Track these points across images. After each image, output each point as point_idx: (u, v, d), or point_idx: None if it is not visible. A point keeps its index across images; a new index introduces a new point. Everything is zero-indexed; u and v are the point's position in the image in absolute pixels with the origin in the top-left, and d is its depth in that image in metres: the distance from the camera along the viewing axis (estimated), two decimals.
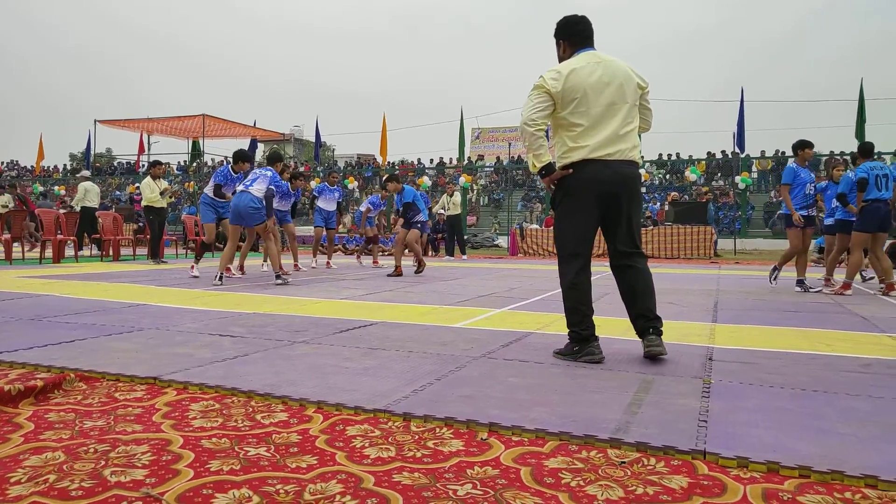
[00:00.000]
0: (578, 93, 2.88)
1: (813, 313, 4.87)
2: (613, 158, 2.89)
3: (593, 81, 2.89)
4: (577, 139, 2.90)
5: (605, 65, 2.93)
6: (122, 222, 12.38)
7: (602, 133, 2.88)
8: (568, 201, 2.97)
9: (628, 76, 2.96)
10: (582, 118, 2.89)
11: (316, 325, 3.92)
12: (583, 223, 2.95)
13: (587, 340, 2.94)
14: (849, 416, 2.12)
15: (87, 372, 2.58)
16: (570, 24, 3.06)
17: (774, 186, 22.35)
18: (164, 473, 1.57)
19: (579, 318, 2.96)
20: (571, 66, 2.92)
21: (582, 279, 2.97)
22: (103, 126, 28.75)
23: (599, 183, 2.89)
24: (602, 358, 2.92)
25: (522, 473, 1.60)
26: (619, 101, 2.92)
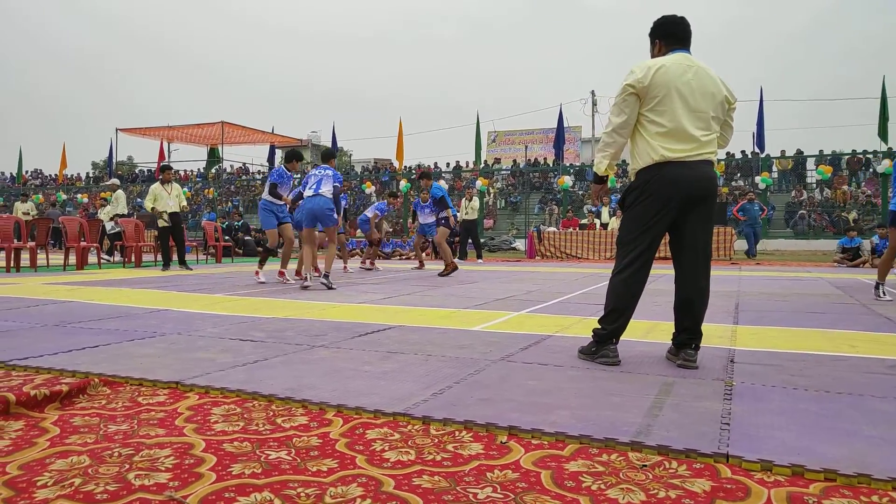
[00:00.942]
0: (663, 90, 2.78)
1: (836, 314, 4.79)
2: (693, 159, 2.81)
3: (681, 82, 2.79)
4: (656, 138, 2.81)
5: (696, 70, 2.84)
6: (143, 229, 12.54)
7: (683, 137, 2.79)
8: (643, 201, 2.86)
9: (718, 87, 2.87)
10: (664, 118, 2.79)
11: (335, 329, 3.94)
12: (653, 225, 2.86)
13: (604, 342, 2.93)
14: (875, 418, 2.08)
15: (111, 377, 2.62)
16: (668, 24, 2.96)
17: (795, 186, 22.07)
18: (187, 477, 1.59)
19: (615, 316, 2.91)
20: (661, 63, 2.82)
21: (637, 279, 2.91)
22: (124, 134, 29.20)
23: (679, 184, 2.79)
24: (617, 361, 2.90)
25: (543, 477, 1.60)
26: (704, 108, 2.82)
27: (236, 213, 19.90)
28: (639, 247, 2.88)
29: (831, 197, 20.90)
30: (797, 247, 18.60)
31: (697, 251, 2.93)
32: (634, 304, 2.94)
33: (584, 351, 3.03)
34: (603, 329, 2.94)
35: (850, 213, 19.43)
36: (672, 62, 2.83)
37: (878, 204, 19.02)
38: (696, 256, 2.93)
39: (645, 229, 2.87)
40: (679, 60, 2.85)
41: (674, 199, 2.81)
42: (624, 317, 2.92)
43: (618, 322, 2.92)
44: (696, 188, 2.82)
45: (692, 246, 2.92)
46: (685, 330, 2.93)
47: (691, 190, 2.81)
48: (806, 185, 22.13)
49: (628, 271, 2.91)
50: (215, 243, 13.62)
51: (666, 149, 2.79)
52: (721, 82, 2.90)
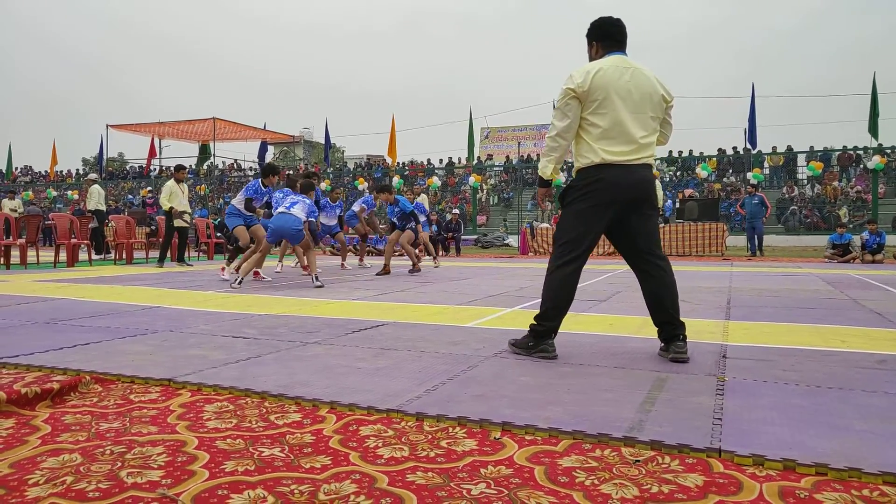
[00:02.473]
0: (602, 93, 2.84)
1: (827, 310, 4.83)
2: (633, 163, 2.86)
3: (618, 84, 2.85)
4: (597, 140, 2.86)
5: (633, 71, 2.89)
6: (134, 226, 12.48)
7: (623, 138, 2.85)
8: (582, 202, 2.92)
9: (655, 87, 2.93)
10: (603, 120, 2.85)
11: (328, 325, 3.94)
12: (590, 226, 2.91)
13: (543, 337, 2.96)
14: (865, 412, 2.10)
15: (102, 374, 2.61)
16: (604, 26, 3.02)
17: (786, 182, 22.18)
18: (180, 474, 1.58)
19: (551, 311, 2.94)
20: (599, 66, 2.89)
21: (574, 279, 2.95)
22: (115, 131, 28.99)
23: (619, 188, 2.85)
24: (556, 356, 2.94)
25: (536, 472, 1.60)
26: (642, 109, 2.88)
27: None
28: (578, 246, 2.93)
29: (822, 193, 21.03)
30: (788, 242, 18.72)
31: (649, 251, 2.97)
32: (571, 300, 2.97)
33: (519, 345, 3.04)
34: (542, 326, 2.96)
35: (841, 209, 19.56)
36: (610, 65, 2.89)
37: (868, 200, 19.16)
38: (650, 256, 2.98)
39: (584, 229, 2.92)
40: (616, 63, 2.91)
41: (614, 201, 2.87)
42: (562, 314, 2.96)
43: (557, 320, 2.96)
44: (635, 191, 2.88)
45: (643, 245, 2.98)
46: (665, 324, 2.96)
47: (631, 193, 2.88)
48: (797, 182, 22.26)
49: (567, 269, 2.94)
50: (207, 240, 13.56)
51: (606, 151, 2.85)
52: (657, 82, 2.96)
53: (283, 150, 44.22)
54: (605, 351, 3.14)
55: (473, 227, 22.53)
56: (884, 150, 19.24)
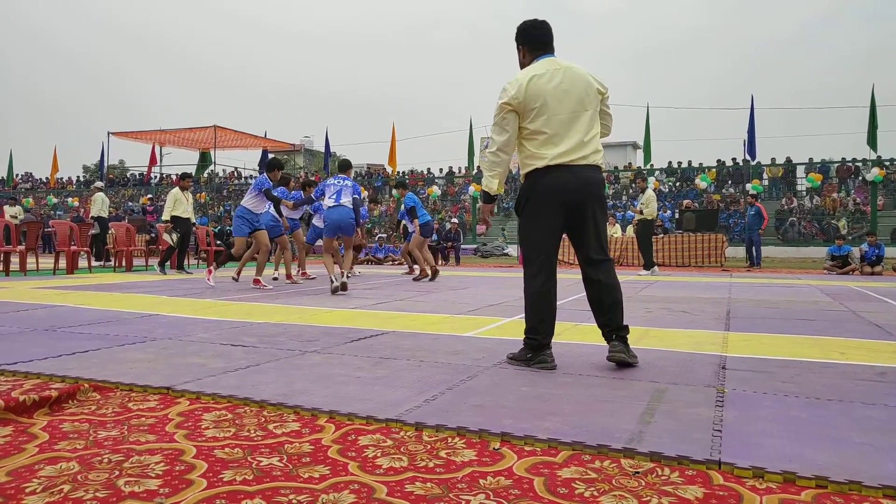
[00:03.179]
0: (539, 101, 2.87)
1: (826, 321, 4.82)
2: (577, 164, 2.88)
3: (553, 88, 2.88)
4: (540, 147, 2.90)
5: (564, 71, 2.92)
6: (134, 233, 12.47)
7: (565, 140, 2.88)
8: (532, 208, 2.95)
9: (588, 82, 2.95)
10: (545, 126, 2.88)
11: (327, 334, 3.93)
12: (547, 230, 2.94)
13: (540, 349, 2.96)
14: (865, 425, 2.09)
15: (100, 382, 2.60)
16: (528, 29, 3.06)
17: (785, 194, 22.22)
18: (178, 483, 1.58)
19: (539, 325, 2.95)
20: (531, 74, 2.92)
21: (548, 287, 2.96)
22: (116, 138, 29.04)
23: (564, 190, 2.88)
24: (555, 366, 2.94)
25: (536, 483, 1.60)
26: (580, 108, 2.91)
27: (228, 218, 19.83)
28: (540, 254, 2.95)
29: (821, 205, 21.06)
30: (787, 254, 18.72)
31: (594, 252, 2.98)
32: (553, 309, 2.97)
33: (517, 358, 3.03)
34: (534, 340, 2.96)
35: (840, 221, 19.59)
36: (541, 70, 2.92)
37: (867, 212, 19.19)
38: (593, 257, 2.98)
39: (540, 235, 2.95)
40: (547, 66, 2.94)
41: (560, 203, 2.90)
42: (549, 324, 2.96)
43: (547, 330, 2.96)
44: (581, 193, 2.90)
45: (588, 247, 2.99)
46: (604, 326, 3.00)
47: (576, 195, 2.90)
48: (796, 193, 22.29)
49: (537, 281, 2.95)
50: (207, 248, 13.56)
51: (549, 154, 2.87)
52: (590, 76, 2.98)
53: (283, 158, 44.28)
54: (604, 361, 3.13)
55: (473, 237, 22.53)
56: (882, 163, 19.29)
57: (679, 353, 3.37)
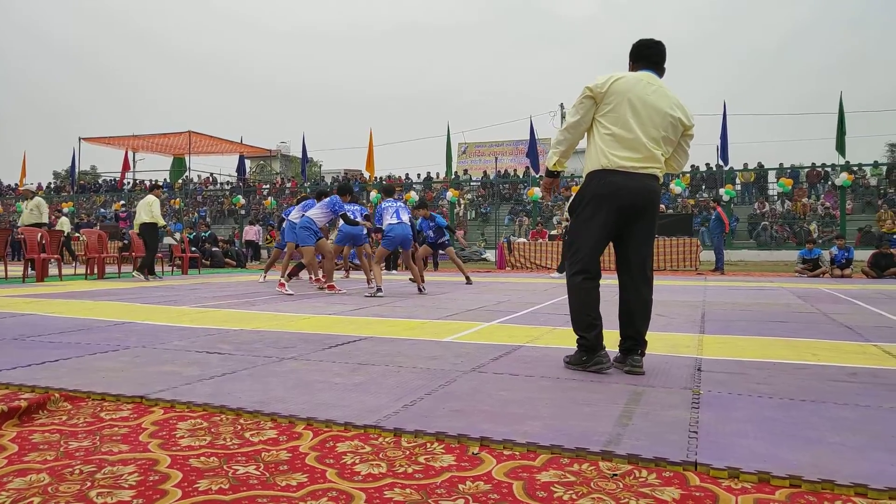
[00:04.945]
0: (617, 99, 2.90)
1: (799, 323, 4.91)
2: (639, 172, 2.91)
3: (635, 95, 2.90)
4: (607, 145, 2.91)
5: (656, 88, 2.95)
6: (106, 240, 12.27)
7: (635, 146, 2.90)
8: (587, 210, 2.96)
9: (673, 109, 2.96)
10: (614, 124, 2.90)
11: (304, 340, 3.90)
12: (599, 232, 2.95)
13: (594, 350, 2.96)
14: (837, 424, 2.13)
15: (71, 392, 2.55)
16: (640, 48, 3.10)
17: (758, 199, 22.60)
18: (152, 494, 1.55)
19: (585, 324, 2.97)
20: (622, 75, 2.96)
21: (589, 286, 2.98)
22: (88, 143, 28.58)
23: (625, 194, 2.89)
24: (612, 366, 2.96)
25: (514, 488, 1.60)
26: (658, 126, 2.92)
27: (203, 224, 19.60)
28: (587, 254, 2.97)
29: (792, 209, 21.45)
30: (760, 257, 19.02)
31: (639, 263, 3.01)
32: (597, 306, 3.00)
33: (573, 361, 3.04)
34: (586, 339, 2.98)
35: (811, 225, 19.97)
36: (633, 77, 2.96)
37: (836, 216, 19.59)
38: (638, 268, 3.01)
39: (590, 235, 2.97)
40: (641, 77, 2.98)
41: (618, 207, 2.91)
42: (596, 322, 2.98)
43: (597, 328, 2.97)
44: (638, 199, 2.92)
45: (634, 258, 3.01)
46: (629, 338, 3.01)
47: (634, 199, 2.91)
48: (768, 198, 22.69)
49: (579, 278, 2.98)
50: (182, 254, 13.38)
51: (614, 155, 2.90)
52: (678, 106, 3.00)
53: (259, 163, 43.94)
54: None
55: (451, 242, 22.54)
56: (851, 168, 19.71)
57: (656, 356, 3.40)
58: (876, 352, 3.64)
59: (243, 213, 26.09)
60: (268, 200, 26.43)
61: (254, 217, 24.09)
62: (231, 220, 27.37)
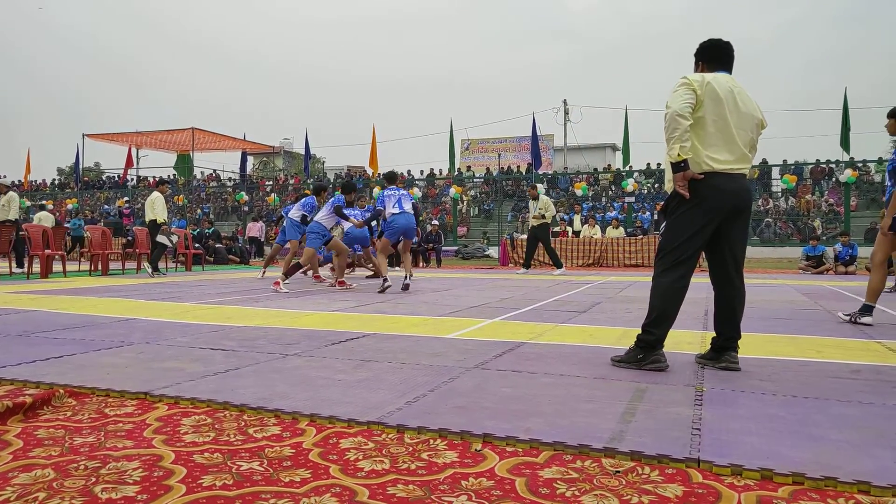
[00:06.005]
0: (716, 102, 2.91)
1: (802, 320, 4.90)
2: (736, 173, 2.94)
3: (730, 99, 2.93)
4: (708, 148, 2.92)
5: (739, 90, 2.98)
6: (110, 236, 12.30)
7: (731, 147, 2.93)
8: (690, 210, 2.94)
9: (755, 109, 3.02)
10: (714, 127, 2.91)
11: (308, 337, 3.91)
12: (698, 231, 2.94)
13: (653, 348, 2.96)
14: (840, 422, 2.13)
15: (76, 388, 2.56)
16: (711, 49, 3.09)
17: (761, 195, 22.55)
18: (156, 489, 1.55)
19: (661, 321, 2.96)
20: (711, 77, 2.96)
21: (684, 284, 2.98)
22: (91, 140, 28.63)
23: (727, 196, 2.91)
24: (667, 366, 2.95)
25: (517, 484, 1.60)
26: (745, 127, 2.97)
27: (206, 221, 19.64)
28: (686, 252, 2.97)
29: (796, 206, 21.40)
30: (763, 254, 18.99)
31: (737, 260, 3.04)
32: (678, 309, 3.00)
33: (626, 360, 3.01)
34: (651, 335, 2.96)
35: (815, 222, 19.92)
36: (723, 80, 2.97)
37: (840, 212, 19.54)
38: (738, 266, 3.04)
39: (691, 235, 2.95)
40: (728, 79, 2.99)
41: (720, 209, 2.92)
42: (670, 322, 2.98)
43: (665, 327, 2.97)
44: (739, 199, 2.95)
45: (735, 256, 3.03)
46: (726, 336, 3.02)
47: (735, 201, 2.94)
48: (772, 194, 22.63)
49: (675, 274, 2.97)
50: (185, 251, 13.42)
51: (712, 159, 2.91)
52: (757, 106, 3.05)
53: (262, 160, 43.98)
54: (586, 362, 3.15)
55: (454, 239, 22.55)
56: (855, 164, 19.67)
57: None
58: (879, 349, 3.64)
59: (246, 209, 26.13)
60: (271, 197, 26.47)
61: (257, 214, 24.12)
62: (234, 216, 27.42)
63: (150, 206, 10.71)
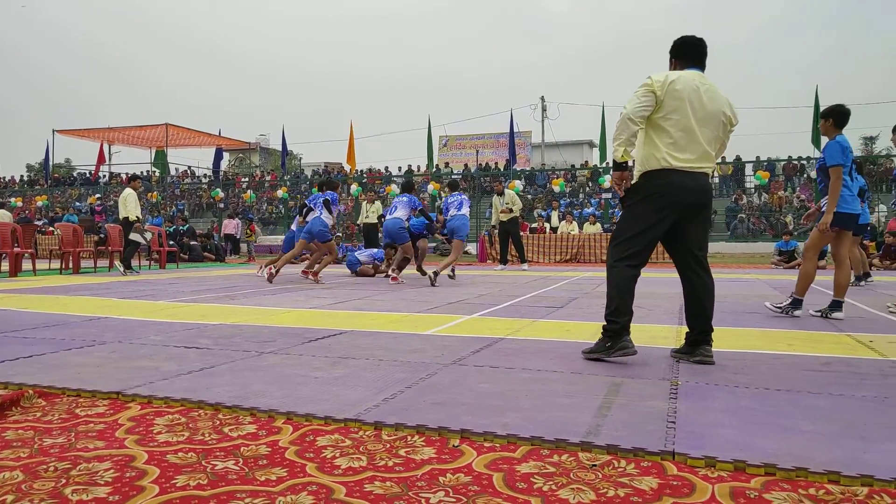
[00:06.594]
0: (677, 102, 2.93)
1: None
2: (696, 171, 2.98)
3: (695, 97, 2.95)
4: (669, 146, 2.95)
5: (708, 88, 3.00)
6: (82, 234, 12.08)
7: (693, 146, 2.96)
8: (643, 203, 3.00)
9: (723, 107, 3.03)
10: (674, 127, 2.94)
11: (284, 334, 3.88)
12: (654, 226, 2.99)
13: (619, 335, 3.00)
14: (812, 413, 2.17)
15: (46, 388, 2.51)
16: (683, 45, 3.12)
17: (735, 191, 22.87)
18: (128, 490, 1.53)
19: (620, 310, 3.00)
20: (677, 76, 2.98)
21: (633, 273, 3.02)
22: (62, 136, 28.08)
23: (684, 193, 2.95)
24: (635, 351, 2.99)
25: (495, 479, 1.60)
26: (712, 125, 2.99)
27: (181, 218, 19.38)
28: (638, 245, 3.01)
29: (769, 201, 21.75)
30: (737, 249, 19.26)
31: (700, 255, 3.08)
32: (632, 297, 3.04)
33: (596, 350, 3.06)
34: (615, 323, 3.00)
35: (787, 217, 20.26)
36: (686, 77, 2.99)
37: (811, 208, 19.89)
38: (701, 261, 3.08)
39: (646, 229, 3.00)
40: (694, 77, 3.01)
41: (676, 205, 2.97)
42: (629, 309, 3.02)
43: (627, 314, 3.01)
44: (697, 197, 2.99)
45: (696, 252, 3.07)
46: (698, 329, 3.06)
47: (693, 198, 2.98)
48: (745, 190, 22.97)
49: (627, 264, 3.01)
50: (159, 248, 13.22)
51: (673, 157, 2.95)
52: (728, 104, 3.07)
53: (238, 156, 43.51)
54: (563, 357, 3.17)
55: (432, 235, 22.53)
56: None
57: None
58: (849, 341, 3.71)
59: (222, 206, 25.83)
60: (247, 194, 26.20)
61: (233, 210, 23.86)
62: (210, 213, 27.09)
63: (123, 203, 10.56)
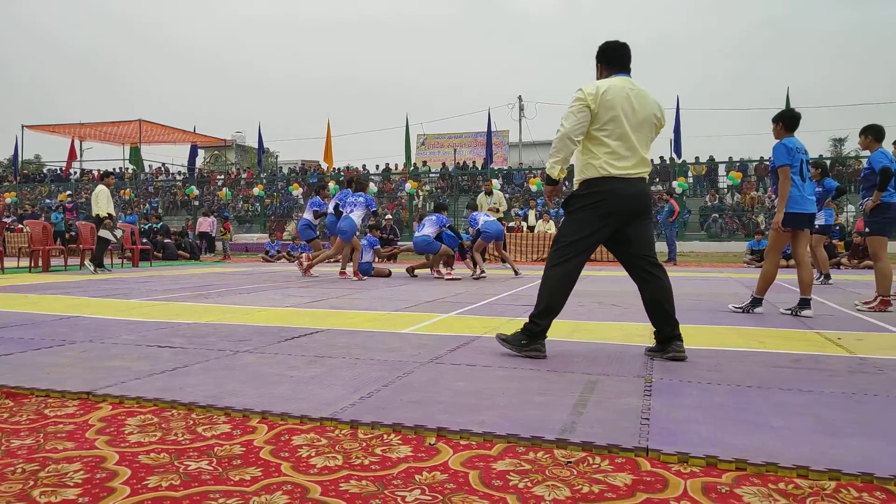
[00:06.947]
0: (611, 112, 2.99)
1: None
2: (634, 177, 3.03)
3: (627, 105, 3.00)
4: (606, 155, 3.00)
5: (637, 92, 3.06)
6: (51, 231, 11.84)
7: (629, 153, 3.01)
8: (585, 210, 3.06)
9: (653, 110, 3.10)
10: (610, 136, 3.00)
11: (260, 333, 3.84)
12: (590, 233, 3.05)
13: (537, 337, 3.06)
14: (782, 409, 2.21)
15: (13, 388, 2.45)
16: (608, 51, 3.17)
17: (708, 191, 23.20)
18: (98, 492, 1.50)
19: (546, 312, 3.05)
20: (608, 85, 3.02)
21: (571, 280, 3.08)
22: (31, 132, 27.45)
23: (624, 200, 3.01)
24: (545, 355, 3.06)
25: (471, 477, 1.61)
26: (644, 129, 3.06)
27: (154, 216, 19.08)
28: (575, 250, 3.07)
29: (741, 201, 22.09)
30: (710, 248, 19.54)
31: (650, 257, 3.14)
32: (564, 302, 3.10)
33: (510, 341, 3.12)
34: (537, 325, 3.06)
35: (759, 217, 20.60)
36: (616, 86, 3.04)
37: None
38: (650, 262, 3.14)
39: (585, 235, 3.06)
40: (623, 84, 3.06)
41: (616, 212, 3.03)
42: (555, 314, 3.08)
43: (550, 319, 3.07)
44: (636, 203, 3.05)
45: (644, 253, 3.13)
46: (663, 325, 3.11)
47: (633, 204, 3.04)
48: (718, 190, 23.31)
49: (564, 269, 3.07)
50: (132, 246, 13.01)
51: (611, 165, 3.00)
52: (656, 104, 3.13)
53: (214, 154, 42.99)
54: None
55: (410, 234, 22.51)
56: None
57: (610, 346, 3.47)
58: (818, 339, 3.79)
59: (197, 204, 25.50)
60: (223, 191, 25.91)
61: (208, 208, 23.57)
62: (184, 211, 26.73)
63: (95, 200, 10.38)
